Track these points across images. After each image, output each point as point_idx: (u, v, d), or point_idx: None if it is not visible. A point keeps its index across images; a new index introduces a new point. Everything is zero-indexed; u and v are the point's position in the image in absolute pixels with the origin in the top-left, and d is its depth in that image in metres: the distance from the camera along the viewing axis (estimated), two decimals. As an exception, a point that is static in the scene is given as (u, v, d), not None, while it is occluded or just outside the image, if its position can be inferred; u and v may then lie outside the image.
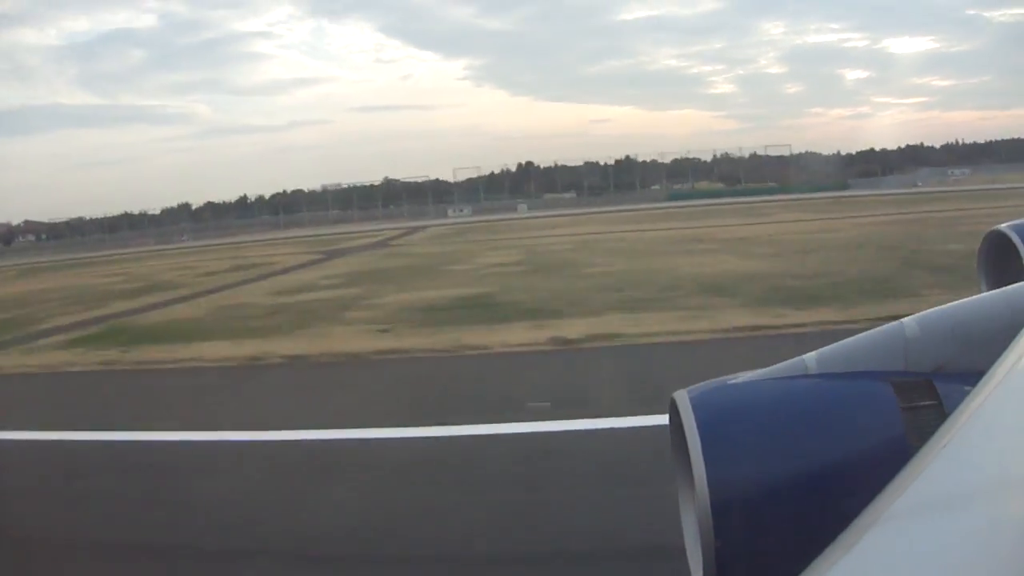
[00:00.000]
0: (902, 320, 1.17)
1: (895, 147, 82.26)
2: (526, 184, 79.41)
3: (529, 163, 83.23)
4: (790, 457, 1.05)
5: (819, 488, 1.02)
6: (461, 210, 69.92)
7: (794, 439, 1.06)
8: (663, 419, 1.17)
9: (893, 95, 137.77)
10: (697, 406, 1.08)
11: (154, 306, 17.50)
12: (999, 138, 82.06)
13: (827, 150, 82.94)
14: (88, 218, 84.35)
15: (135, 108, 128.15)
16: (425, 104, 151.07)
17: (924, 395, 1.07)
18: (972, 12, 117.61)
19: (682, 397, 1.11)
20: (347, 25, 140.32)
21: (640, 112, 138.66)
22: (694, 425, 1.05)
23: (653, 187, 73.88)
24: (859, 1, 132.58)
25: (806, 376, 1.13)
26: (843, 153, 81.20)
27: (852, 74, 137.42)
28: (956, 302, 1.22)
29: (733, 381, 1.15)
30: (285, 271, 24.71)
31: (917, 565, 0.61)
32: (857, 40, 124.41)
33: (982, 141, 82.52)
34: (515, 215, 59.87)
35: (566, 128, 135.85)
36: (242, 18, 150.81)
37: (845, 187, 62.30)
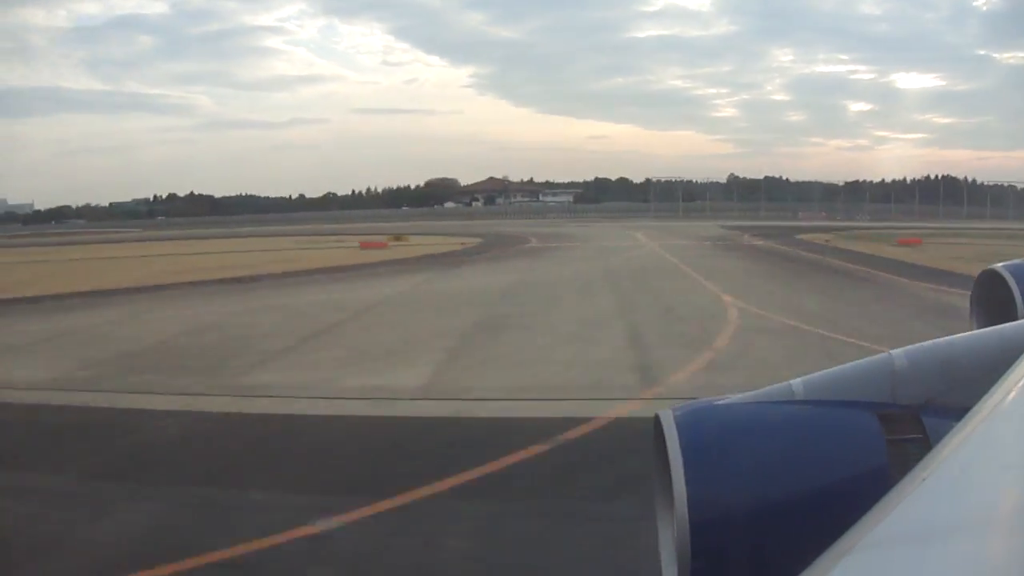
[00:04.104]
0: (891, 352, 1.16)
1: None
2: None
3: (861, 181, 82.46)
4: (772, 483, 1.04)
5: (799, 515, 1.01)
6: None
7: (777, 465, 1.05)
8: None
9: (893, 130, 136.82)
10: (681, 426, 1.07)
11: None
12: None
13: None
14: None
15: (137, 96, 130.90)
16: (426, 109, 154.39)
17: (910, 428, 1.06)
18: (982, 52, 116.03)
19: (667, 416, 1.10)
20: (358, 25, 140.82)
21: (638, 130, 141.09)
22: (677, 445, 1.05)
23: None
24: (871, 34, 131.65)
25: (792, 402, 1.12)
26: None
27: (856, 106, 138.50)
28: (947, 338, 1.21)
29: (719, 402, 1.14)
30: None
31: None
32: (864, 72, 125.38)
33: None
34: None
35: (561, 142, 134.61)
36: (253, 12, 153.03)
37: None
